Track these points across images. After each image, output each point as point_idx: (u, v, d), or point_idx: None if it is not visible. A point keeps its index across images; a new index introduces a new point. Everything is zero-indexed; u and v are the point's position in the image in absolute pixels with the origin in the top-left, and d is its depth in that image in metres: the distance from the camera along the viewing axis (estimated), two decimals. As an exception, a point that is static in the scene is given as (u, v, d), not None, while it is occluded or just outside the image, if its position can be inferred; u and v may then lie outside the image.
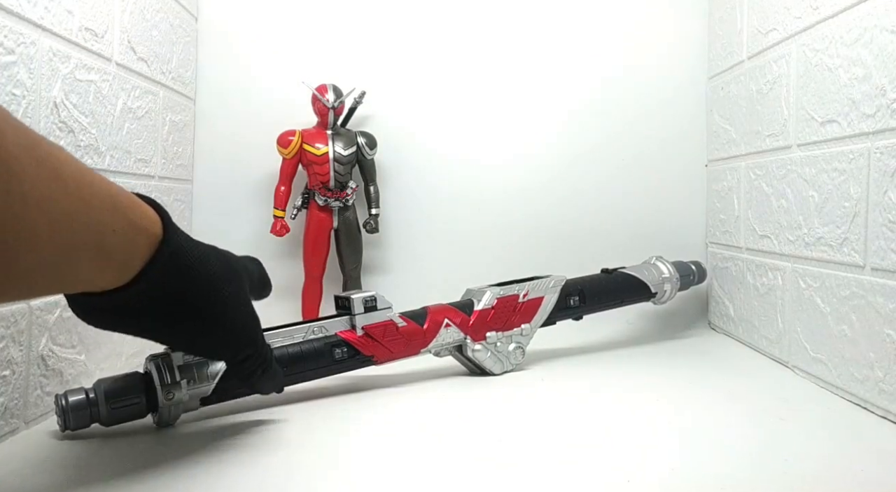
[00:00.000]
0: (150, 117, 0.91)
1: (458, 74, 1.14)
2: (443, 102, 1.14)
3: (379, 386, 0.77)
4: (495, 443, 0.58)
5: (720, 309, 1.08)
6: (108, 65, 0.77)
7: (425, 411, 0.69)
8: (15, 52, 0.59)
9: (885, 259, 0.63)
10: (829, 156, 0.74)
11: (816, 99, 0.77)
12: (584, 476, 0.51)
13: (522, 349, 0.84)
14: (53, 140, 0.67)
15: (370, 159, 1.07)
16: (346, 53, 1.12)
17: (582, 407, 0.69)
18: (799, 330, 0.81)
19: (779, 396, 0.72)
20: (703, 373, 0.83)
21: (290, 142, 1.02)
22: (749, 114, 0.96)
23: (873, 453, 0.55)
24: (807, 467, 0.52)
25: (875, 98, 0.65)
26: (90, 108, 0.73)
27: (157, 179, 0.94)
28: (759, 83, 0.93)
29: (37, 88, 0.62)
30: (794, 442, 0.58)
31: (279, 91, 1.11)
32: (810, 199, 0.78)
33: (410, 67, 1.14)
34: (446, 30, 1.14)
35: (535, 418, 0.66)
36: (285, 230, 1.04)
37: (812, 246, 0.77)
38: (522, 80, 1.14)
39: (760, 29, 0.93)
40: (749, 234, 0.96)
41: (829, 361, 0.74)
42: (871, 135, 0.66)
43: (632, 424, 0.64)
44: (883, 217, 0.64)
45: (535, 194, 1.14)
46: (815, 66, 0.78)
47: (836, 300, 0.72)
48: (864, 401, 0.67)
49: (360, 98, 1.06)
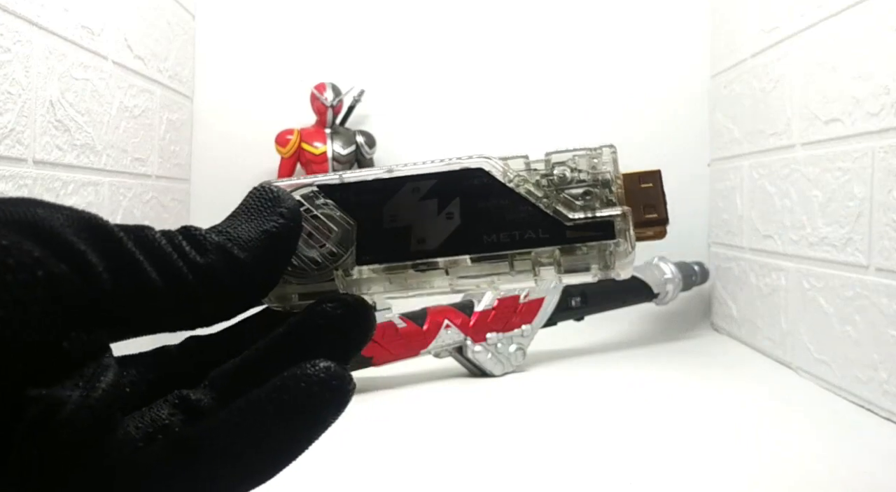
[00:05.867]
0: (147, 116, 0.90)
1: (458, 73, 1.13)
2: (442, 101, 1.13)
3: (378, 388, 0.77)
4: (495, 445, 0.58)
5: (723, 310, 1.07)
6: (104, 63, 0.77)
7: (425, 414, 0.68)
8: (11, 51, 0.58)
9: (890, 259, 0.62)
10: (833, 155, 0.73)
11: (820, 97, 0.76)
12: (584, 477, 0.50)
13: (523, 351, 0.83)
14: (49, 139, 0.66)
15: (369, 158, 1.06)
16: (344, 51, 1.12)
17: (583, 409, 0.69)
18: (802, 331, 0.80)
19: (782, 397, 0.72)
20: (705, 374, 0.82)
21: (289, 141, 1.02)
22: (752, 112, 0.96)
23: (877, 455, 0.55)
24: (810, 468, 0.51)
25: (879, 97, 0.65)
26: (86, 106, 0.72)
27: (153, 179, 0.93)
28: (763, 81, 0.92)
29: (33, 87, 0.61)
30: (798, 444, 0.57)
31: (277, 89, 1.10)
32: (814, 198, 0.77)
33: (410, 65, 1.13)
34: (446, 28, 1.13)
35: (536, 420, 0.65)
36: (284, 230, 1.04)
37: (816, 246, 0.77)
38: (523, 79, 1.14)
39: (763, 27, 0.92)
40: (752, 234, 0.95)
41: (832, 363, 0.73)
42: (876, 134, 0.65)
43: (633, 425, 0.63)
44: (887, 217, 0.63)
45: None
46: (818, 64, 0.77)
47: (840, 301, 0.71)
48: (867, 402, 0.66)
49: (359, 96, 1.06)
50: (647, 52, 1.14)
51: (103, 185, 0.78)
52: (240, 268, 0.17)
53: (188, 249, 0.16)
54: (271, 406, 0.16)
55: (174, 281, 0.16)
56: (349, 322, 0.18)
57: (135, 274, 0.16)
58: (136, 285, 0.16)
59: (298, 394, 0.16)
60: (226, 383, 0.18)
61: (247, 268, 0.17)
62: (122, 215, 0.84)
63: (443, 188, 0.20)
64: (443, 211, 0.20)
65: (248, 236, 0.17)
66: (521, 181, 0.20)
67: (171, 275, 0.16)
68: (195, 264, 0.16)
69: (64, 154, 0.69)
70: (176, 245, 0.16)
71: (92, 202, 0.76)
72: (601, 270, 0.20)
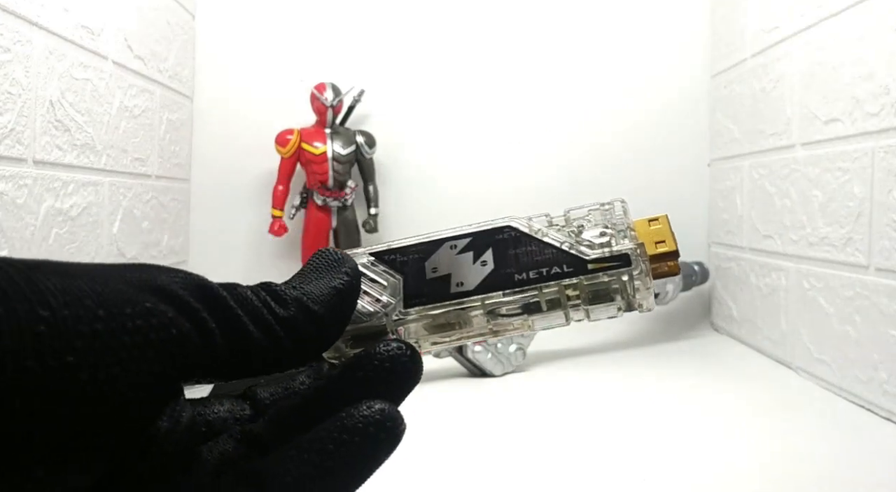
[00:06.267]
0: (147, 116, 0.90)
1: (459, 73, 1.13)
2: (443, 101, 1.13)
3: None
4: (495, 445, 0.58)
5: (723, 310, 1.07)
6: (104, 63, 0.77)
7: (425, 413, 0.68)
8: (11, 51, 0.58)
9: (890, 259, 0.62)
10: (833, 155, 0.73)
11: (820, 97, 0.76)
12: (584, 477, 0.50)
13: (523, 351, 0.83)
14: (49, 139, 0.66)
15: (369, 158, 1.06)
16: (344, 51, 1.12)
17: (583, 409, 0.69)
18: (802, 331, 0.80)
19: (782, 397, 0.72)
20: (705, 374, 0.82)
21: (289, 141, 1.02)
22: (752, 112, 0.96)
23: (877, 455, 0.55)
24: (810, 468, 0.51)
25: (879, 97, 0.65)
26: (86, 106, 0.72)
27: (153, 179, 0.93)
28: (763, 81, 0.92)
29: (33, 87, 0.61)
30: (797, 443, 0.57)
31: (277, 89, 1.10)
32: (814, 198, 0.77)
33: (410, 65, 1.13)
34: (446, 28, 1.13)
35: (536, 420, 0.65)
36: (283, 230, 1.03)
37: (816, 246, 0.77)
38: (523, 79, 1.14)
39: (763, 27, 0.92)
40: (752, 234, 0.95)
41: (832, 363, 0.73)
42: (876, 134, 0.65)
43: (634, 425, 0.63)
44: (887, 217, 0.63)
45: (535, 193, 1.14)
46: (818, 64, 0.77)
47: (840, 301, 0.71)
48: (867, 402, 0.66)
49: (359, 96, 1.06)
50: (647, 53, 1.14)
51: (103, 185, 0.78)
52: (316, 320, 0.18)
53: (273, 305, 0.18)
54: (332, 445, 0.18)
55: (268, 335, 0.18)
56: (401, 365, 0.19)
57: (239, 331, 0.17)
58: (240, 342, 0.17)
59: (357, 434, 0.18)
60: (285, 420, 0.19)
61: (322, 320, 0.18)
62: (122, 215, 0.84)
63: (477, 242, 0.23)
64: (478, 260, 0.23)
65: (320, 292, 0.19)
66: (543, 232, 0.23)
67: (264, 329, 0.18)
68: (281, 318, 0.18)
69: (64, 154, 0.69)
70: (262, 300, 0.18)
71: (92, 202, 0.76)
72: (624, 301, 0.23)
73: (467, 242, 0.23)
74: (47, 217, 0.67)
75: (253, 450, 0.19)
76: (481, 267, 0.23)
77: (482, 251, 0.23)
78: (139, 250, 0.88)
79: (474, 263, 0.23)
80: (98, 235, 0.78)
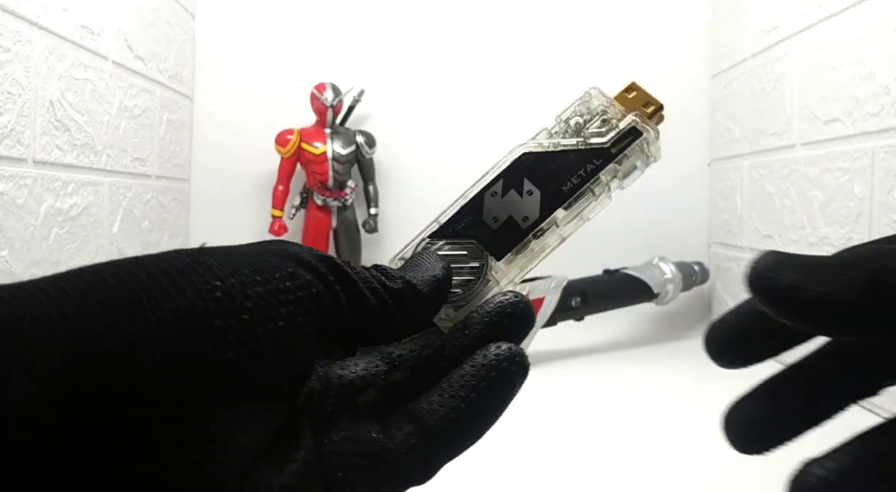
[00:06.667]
0: (147, 116, 0.90)
1: (458, 73, 1.13)
2: (443, 101, 1.13)
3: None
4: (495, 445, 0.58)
5: (723, 310, 1.07)
6: (104, 63, 0.77)
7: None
8: (11, 51, 0.58)
9: (891, 260, 0.62)
10: (833, 155, 0.73)
11: (820, 97, 0.76)
12: (584, 476, 0.50)
13: (523, 350, 0.83)
14: (49, 139, 0.66)
15: (369, 158, 1.06)
16: (344, 51, 1.12)
17: (584, 409, 0.69)
18: (802, 331, 0.80)
19: (782, 397, 0.72)
20: (705, 375, 0.82)
21: (289, 141, 1.02)
22: (752, 112, 0.96)
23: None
24: (812, 470, 0.51)
25: (879, 96, 0.65)
26: (86, 106, 0.72)
27: (153, 179, 0.93)
28: (763, 81, 0.92)
29: (33, 87, 0.61)
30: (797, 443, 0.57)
31: (277, 89, 1.10)
32: (814, 198, 0.77)
33: (410, 65, 1.13)
34: (446, 27, 1.13)
35: (536, 420, 0.65)
36: (283, 230, 1.03)
37: (816, 246, 0.77)
38: (523, 79, 1.14)
39: (763, 27, 0.92)
40: (752, 234, 0.95)
41: (832, 363, 0.73)
42: (876, 134, 0.65)
43: (634, 425, 0.63)
44: (887, 217, 0.63)
45: (535, 194, 1.14)
46: (818, 64, 0.77)
47: (841, 301, 0.71)
48: (868, 403, 0.66)
49: (358, 96, 1.06)
50: (647, 52, 1.14)
51: (103, 185, 0.78)
52: (421, 295, 0.21)
53: (384, 279, 0.21)
54: (474, 381, 0.21)
55: (380, 300, 0.20)
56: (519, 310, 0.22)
57: (357, 296, 0.20)
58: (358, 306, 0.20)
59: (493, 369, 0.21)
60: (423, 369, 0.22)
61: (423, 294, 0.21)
62: (122, 215, 0.84)
63: (511, 180, 0.25)
64: (523, 193, 0.25)
65: (423, 277, 0.22)
66: (555, 144, 0.25)
67: (377, 296, 0.20)
68: (390, 289, 0.21)
69: (64, 154, 0.69)
70: (374, 275, 0.21)
71: (92, 202, 0.76)
72: (644, 163, 0.26)
73: (503, 184, 0.25)
74: (47, 217, 0.67)
75: (399, 398, 0.21)
76: (529, 197, 0.25)
77: (520, 184, 0.25)
78: (139, 250, 0.87)
79: (522, 197, 0.25)
80: (98, 235, 0.78)
